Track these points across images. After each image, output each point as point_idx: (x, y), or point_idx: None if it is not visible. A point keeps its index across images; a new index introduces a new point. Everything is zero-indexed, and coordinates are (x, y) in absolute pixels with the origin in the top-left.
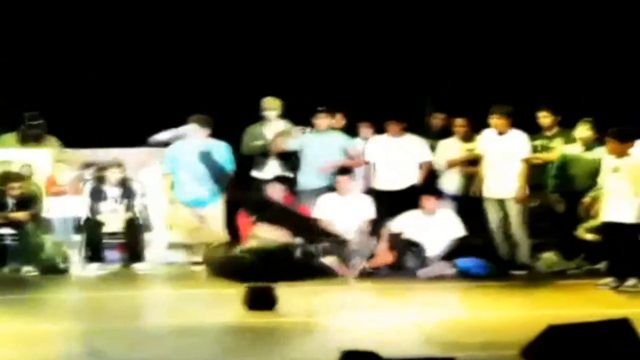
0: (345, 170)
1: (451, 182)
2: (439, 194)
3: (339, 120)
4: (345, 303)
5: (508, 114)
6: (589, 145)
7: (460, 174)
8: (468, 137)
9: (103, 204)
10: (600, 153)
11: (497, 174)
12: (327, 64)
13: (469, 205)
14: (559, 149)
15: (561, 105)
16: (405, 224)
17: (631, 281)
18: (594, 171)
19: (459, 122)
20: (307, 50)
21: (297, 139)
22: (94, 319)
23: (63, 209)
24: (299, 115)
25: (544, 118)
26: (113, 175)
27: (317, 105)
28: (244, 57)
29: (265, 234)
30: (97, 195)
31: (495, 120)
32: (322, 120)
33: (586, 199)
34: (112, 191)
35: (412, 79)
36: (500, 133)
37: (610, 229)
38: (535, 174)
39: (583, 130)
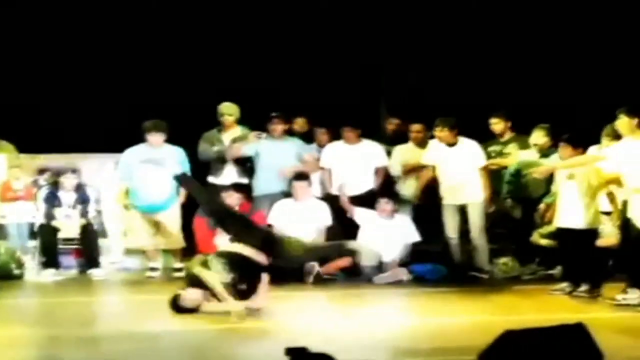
0: (301, 176)
1: (408, 188)
2: (396, 198)
3: (302, 125)
4: (299, 308)
5: (451, 126)
6: (544, 152)
7: (417, 180)
8: (424, 143)
9: (58, 209)
10: (556, 159)
11: (454, 183)
12: (284, 68)
13: (426, 210)
14: (514, 154)
15: (516, 110)
16: (363, 221)
17: (584, 286)
18: (549, 177)
19: (416, 128)
20: (264, 54)
21: (253, 145)
22: (49, 325)
23: (17, 214)
24: (256, 120)
25: (496, 124)
26: (68, 181)
27: (274, 111)
28: (200, 61)
29: (228, 248)
30: (52, 200)
31: (439, 133)
32: (277, 126)
33: (541, 205)
34: (67, 197)
35: (366, 83)
36: (450, 144)
37: (564, 235)
38: (491, 180)
39: (539, 137)
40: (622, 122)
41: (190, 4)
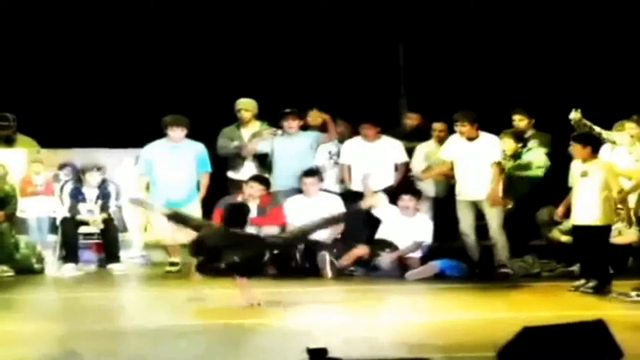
0: (310, 172)
1: (429, 184)
2: (418, 194)
3: (315, 117)
4: (317, 304)
5: (472, 120)
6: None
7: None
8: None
9: (82, 205)
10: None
11: (471, 178)
12: (304, 63)
13: (446, 207)
14: (537, 152)
15: (538, 107)
16: (384, 216)
17: (592, 282)
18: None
19: (439, 127)
20: (283, 50)
21: (268, 141)
22: (69, 319)
23: (38, 209)
24: (276, 115)
25: (520, 121)
26: (93, 178)
27: (291, 106)
28: (219, 57)
29: None
30: (76, 196)
31: (460, 127)
32: (291, 122)
33: (560, 209)
34: (90, 192)
35: (387, 77)
36: (470, 139)
37: (580, 232)
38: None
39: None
40: None
41: None
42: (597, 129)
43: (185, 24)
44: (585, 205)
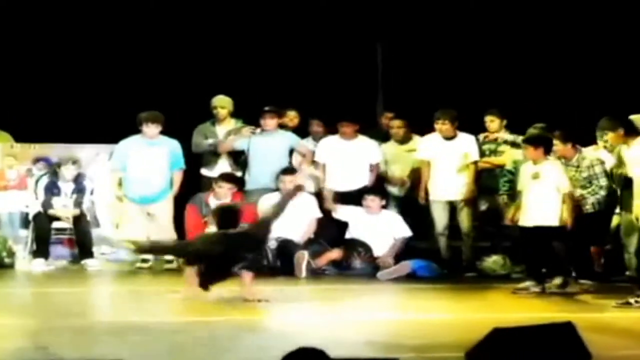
0: (289, 170)
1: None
2: (384, 195)
3: (292, 119)
4: (291, 303)
5: (453, 119)
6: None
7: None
8: (406, 139)
9: (56, 198)
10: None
11: (447, 178)
12: (281, 61)
13: (414, 207)
14: (508, 153)
15: (512, 109)
16: (349, 218)
17: (557, 280)
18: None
19: (396, 124)
20: (260, 47)
21: (245, 139)
22: (39, 314)
23: (10, 203)
24: (251, 113)
25: (491, 122)
26: (68, 171)
27: (268, 104)
28: (196, 54)
29: None
30: (51, 189)
31: (440, 125)
32: (269, 120)
33: (510, 212)
34: (65, 186)
35: (364, 76)
36: (447, 138)
37: (531, 233)
38: (485, 177)
39: None
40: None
41: None
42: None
43: (162, 20)
44: (539, 207)
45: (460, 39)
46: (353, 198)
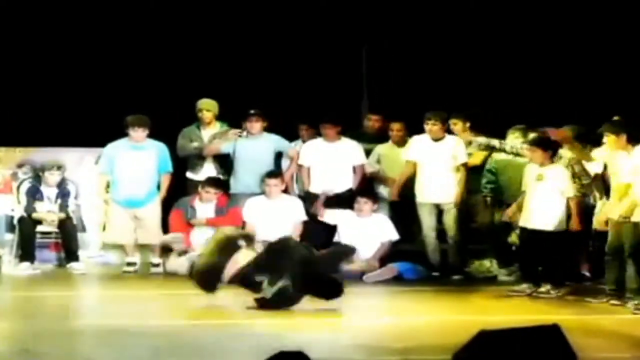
0: (274, 174)
1: (384, 186)
2: (375, 197)
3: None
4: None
5: (444, 120)
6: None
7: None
8: (404, 142)
9: (39, 203)
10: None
11: (434, 180)
12: (266, 64)
13: (402, 209)
14: (477, 155)
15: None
16: (338, 221)
17: (545, 287)
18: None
19: (396, 127)
20: (246, 50)
21: (230, 142)
22: (25, 318)
23: None
24: (237, 116)
25: (454, 125)
26: (52, 177)
27: (253, 107)
28: (181, 57)
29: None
30: (34, 194)
31: (430, 126)
32: (254, 124)
33: (510, 209)
34: (49, 191)
35: (349, 79)
36: (435, 139)
37: (531, 236)
38: (472, 179)
39: (514, 138)
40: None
41: None
42: (494, 141)
43: (147, 23)
44: (540, 210)
45: (446, 42)
46: (339, 200)
